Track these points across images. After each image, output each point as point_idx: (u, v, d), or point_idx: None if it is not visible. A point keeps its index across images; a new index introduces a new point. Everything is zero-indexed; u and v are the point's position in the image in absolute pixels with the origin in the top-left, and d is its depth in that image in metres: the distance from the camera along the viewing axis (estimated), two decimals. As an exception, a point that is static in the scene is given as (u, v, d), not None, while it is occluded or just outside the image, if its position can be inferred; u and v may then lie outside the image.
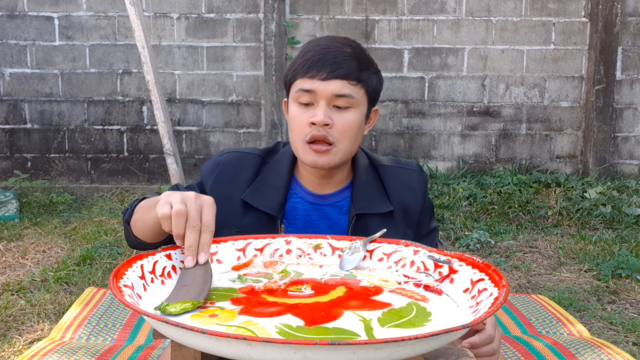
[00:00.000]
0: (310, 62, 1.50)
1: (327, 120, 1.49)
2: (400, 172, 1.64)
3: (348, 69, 1.49)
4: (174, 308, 1.07)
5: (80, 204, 4.68)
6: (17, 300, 2.86)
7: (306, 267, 1.36)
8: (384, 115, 5.02)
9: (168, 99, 4.92)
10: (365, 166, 1.63)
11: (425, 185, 1.68)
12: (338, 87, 1.49)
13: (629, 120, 5.01)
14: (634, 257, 3.38)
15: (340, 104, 1.50)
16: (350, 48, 1.53)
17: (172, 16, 4.91)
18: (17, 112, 4.98)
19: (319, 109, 1.50)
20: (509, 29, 4.96)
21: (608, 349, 1.99)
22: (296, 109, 1.53)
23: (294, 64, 1.55)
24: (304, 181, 1.62)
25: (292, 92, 1.54)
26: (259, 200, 1.57)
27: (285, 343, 0.88)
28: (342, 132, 1.51)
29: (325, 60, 1.50)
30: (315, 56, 1.51)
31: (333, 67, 1.49)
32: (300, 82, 1.51)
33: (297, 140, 1.54)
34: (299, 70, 1.52)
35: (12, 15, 4.88)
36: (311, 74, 1.50)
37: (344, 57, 1.50)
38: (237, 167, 1.62)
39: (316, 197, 1.61)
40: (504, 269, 3.40)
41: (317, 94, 1.50)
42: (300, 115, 1.52)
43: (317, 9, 4.92)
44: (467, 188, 4.60)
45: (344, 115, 1.51)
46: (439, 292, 1.22)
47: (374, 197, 1.59)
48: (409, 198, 1.62)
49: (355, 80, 1.50)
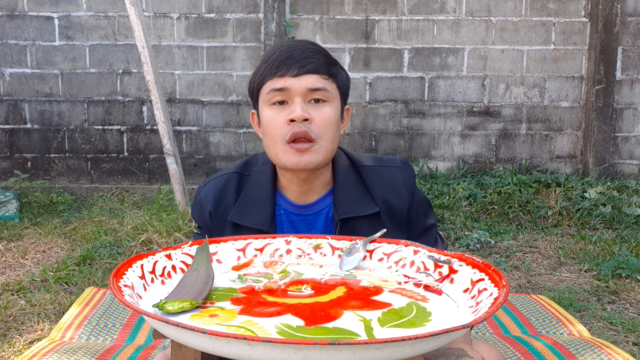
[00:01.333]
0: (278, 62, 1.46)
1: (306, 115, 1.43)
2: (382, 171, 1.58)
3: (318, 63, 1.46)
4: (172, 306, 1.07)
5: (80, 204, 4.67)
6: (17, 300, 2.86)
7: (306, 267, 1.36)
8: (384, 115, 5.02)
9: (168, 99, 4.92)
10: (346, 168, 1.57)
11: (412, 181, 1.60)
12: (311, 81, 1.45)
13: (629, 120, 5.01)
14: (634, 257, 3.37)
15: (316, 98, 1.46)
16: (314, 46, 1.51)
17: (172, 16, 4.90)
18: (17, 112, 4.98)
19: (296, 104, 1.44)
20: (509, 29, 4.96)
21: (608, 349, 1.99)
22: (270, 111, 1.47)
23: (259, 70, 1.50)
24: (286, 192, 1.56)
25: (262, 96, 1.48)
26: (247, 218, 1.53)
27: (285, 343, 0.88)
28: (322, 126, 1.46)
29: (293, 58, 1.45)
30: (281, 55, 1.46)
31: (303, 62, 1.45)
32: (271, 83, 1.46)
33: (275, 143, 1.47)
34: (267, 73, 1.47)
35: (12, 15, 4.88)
36: (281, 73, 1.45)
37: (311, 52, 1.47)
38: (218, 194, 1.57)
39: (300, 208, 1.56)
40: (504, 269, 3.40)
41: (290, 90, 1.45)
42: (275, 116, 1.46)
43: (317, 9, 4.92)
44: (467, 188, 4.60)
45: (322, 110, 1.46)
46: (439, 292, 1.22)
47: (357, 200, 1.53)
48: (393, 197, 1.55)
49: (326, 75, 1.47)
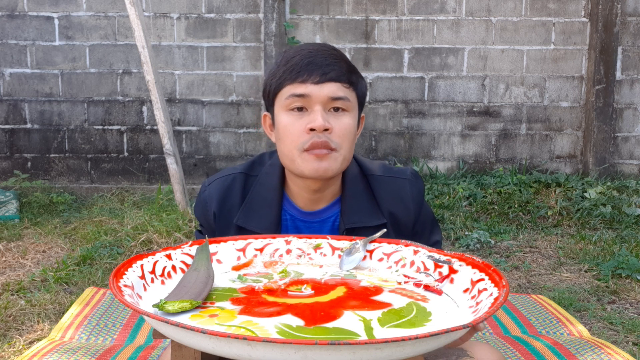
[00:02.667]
0: (299, 67, 1.41)
1: (327, 125, 1.40)
2: (391, 182, 1.55)
3: (340, 71, 1.42)
4: (172, 306, 1.07)
5: (80, 204, 4.67)
6: (17, 300, 2.85)
7: (306, 267, 1.36)
8: (384, 115, 5.02)
9: (168, 99, 4.92)
10: (356, 176, 1.54)
11: (421, 195, 1.57)
12: (333, 89, 1.41)
13: (629, 120, 5.00)
14: (634, 257, 3.37)
15: (336, 106, 1.42)
16: (335, 51, 1.47)
17: (172, 16, 4.90)
18: (17, 112, 4.98)
19: (316, 113, 1.40)
20: (509, 29, 4.96)
21: (608, 349, 1.99)
22: (288, 117, 1.43)
23: (276, 72, 1.45)
24: (293, 198, 1.53)
25: (280, 100, 1.44)
26: (252, 221, 1.50)
27: (285, 343, 0.88)
28: (342, 136, 1.42)
29: (315, 64, 1.41)
30: (303, 60, 1.42)
31: (325, 69, 1.41)
32: (291, 88, 1.42)
33: (291, 150, 1.43)
34: (287, 77, 1.42)
35: (12, 15, 4.88)
36: (302, 79, 1.40)
37: (333, 59, 1.43)
38: (223, 194, 1.54)
39: (306, 215, 1.53)
40: (504, 269, 3.40)
41: (311, 98, 1.40)
42: (293, 123, 1.42)
43: (317, 9, 4.91)
44: (467, 188, 4.60)
45: (342, 119, 1.43)
46: (439, 292, 1.22)
47: (364, 210, 1.51)
48: (400, 210, 1.52)
49: (347, 83, 1.43)
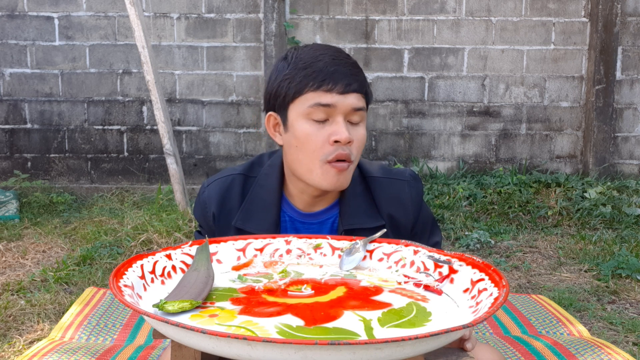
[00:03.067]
0: (324, 73, 1.37)
1: (351, 137, 1.38)
2: (390, 184, 1.54)
3: (361, 82, 1.40)
4: (172, 306, 1.07)
5: (80, 204, 4.67)
6: (17, 300, 2.86)
7: (306, 267, 1.36)
8: (384, 115, 5.02)
9: (168, 99, 4.92)
10: (355, 178, 1.51)
11: (420, 197, 1.56)
12: (355, 100, 1.39)
13: (629, 120, 5.00)
14: (634, 257, 3.37)
15: (355, 119, 1.40)
16: (352, 59, 1.44)
17: (172, 16, 4.90)
18: (17, 112, 4.98)
19: (339, 125, 1.37)
20: (509, 29, 4.96)
21: (608, 349, 1.99)
22: (310, 126, 1.39)
23: (294, 76, 1.39)
24: (293, 199, 1.52)
25: (301, 106, 1.39)
26: (251, 223, 1.49)
27: (285, 343, 0.88)
28: (358, 147, 1.42)
29: (340, 72, 1.37)
30: (328, 67, 1.37)
31: (350, 79, 1.38)
32: (315, 96, 1.37)
33: (313, 161, 1.40)
34: (309, 82, 1.37)
35: (12, 15, 4.88)
36: (327, 87, 1.36)
37: (355, 69, 1.41)
38: (222, 196, 1.53)
39: (305, 216, 1.53)
40: (504, 269, 3.40)
41: (335, 108, 1.37)
42: (316, 133, 1.38)
43: (317, 9, 4.91)
44: (467, 188, 4.60)
45: (359, 130, 1.42)
46: (439, 292, 1.22)
47: (363, 212, 1.51)
48: (398, 212, 1.52)
49: (364, 94, 1.42)
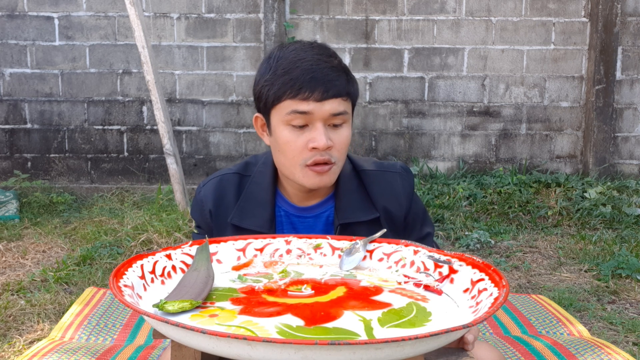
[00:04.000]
0: (300, 82, 1.39)
1: (330, 143, 1.41)
2: (383, 177, 1.57)
3: (341, 86, 1.42)
4: (172, 306, 1.07)
5: (80, 204, 4.67)
6: (17, 300, 2.85)
7: (306, 267, 1.36)
8: (384, 115, 5.02)
9: (168, 99, 4.92)
10: (348, 173, 1.56)
11: (411, 188, 1.60)
12: (334, 106, 1.41)
13: (629, 120, 5.00)
14: (634, 257, 3.37)
15: (336, 123, 1.43)
16: (334, 59, 1.45)
17: (172, 16, 4.90)
18: (17, 112, 4.98)
19: (318, 131, 1.41)
20: (509, 29, 4.96)
21: (608, 349, 1.99)
22: (289, 132, 1.43)
23: (274, 82, 1.43)
24: (287, 194, 1.56)
25: (280, 113, 1.43)
26: (246, 220, 1.53)
27: (285, 343, 0.88)
28: (340, 149, 1.45)
29: (317, 80, 1.39)
30: (304, 74, 1.39)
31: (327, 86, 1.40)
32: (292, 104, 1.40)
33: (293, 165, 1.45)
34: (287, 90, 1.40)
35: (12, 15, 4.88)
36: (303, 96, 1.39)
37: (334, 73, 1.42)
38: (218, 194, 1.56)
39: (300, 210, 1.55)
40: (504, 269, 3.40)
41: (313, 115, 1.40)
42: (295, 140, 1.43)
43: (317, 9, 4.91)
44: (467, 188, 4.60)
45: (341, 133, 1.45)
46: (439, 292, 1.22)
47: (358, 205, 1.53)
48: (392, 203, 1.55)
49: (346, 96, 1.44)
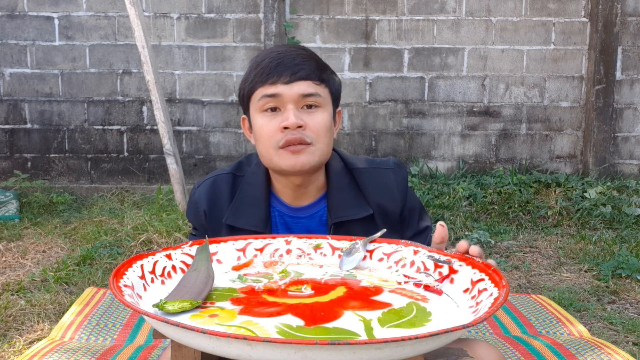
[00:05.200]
0: (268, 69, 1.45)
1: (300, 122, 1.44)
2: (375, 174, 1.58)
3: (309, 70, 1.46)
4: (172, 306, 1.07)
5: (80, 204, 4.67)
6: (17, 300, 2.86)
7: (306, 267, 1.36)
8: (384, 115, 5.02)
9: (168, 99, 4.92)
10: (340, 171, 1.57)
11: (405, 183, 1.61)
12: (303, 87, 1.45)
13: (629, 120, 5.00)
14: (634, 257, 3.37)
15: (308, 103, 1.46)
16: (304, 51, 1.50)
17: (172, 16, 4.90)
18: (17, 112, 4.98)
19: (288, 112, 1.44)
20: (509, 29, 4.96)
21: (608, 349, 1.99)
22: (262, 118, 1.47)
23: (248, 77, 1.49)
24: (280, 195, 1.57)
25: (254, 102, 1.48)
26: (241, 220, 1.54)
27: (285, 343, 0.88)
28: (316, 131, 1.46)
29: (284, 65, 1.45)
30: (272, 62, 1.46)
31: (294, 69, 1.45)
32: (262, 90, 1.46)
33: (268, 149, 1.47)
34: (257, 79, 1.46)
35: (12, 15, 4.88)
36: (272, 80, 1.44)
37: (302, 59, 1.47)
38: (212, 195, 1.58)
39: (294, 210, 1.56)
40: (504, 269, 3.40)
41: (282, 97, 1.44)
42: (268, 123, 1.46)
43: (317, 9, 4.91)
44: (467, 188, 4.60)
45: (315, 115, 1.47)
46: (439, 292, 1.22)
47: (351, 203, 1.54)
48: (386, 200, 1.56)
49: (318, 80, 1.47)
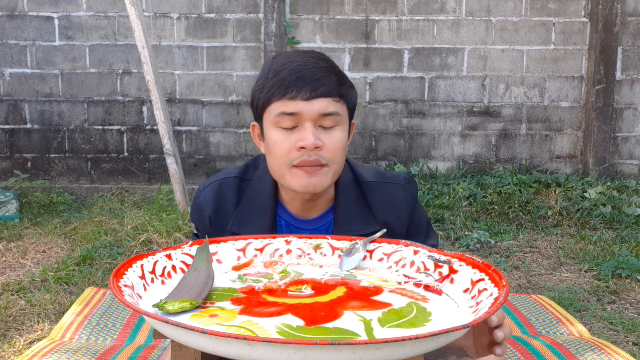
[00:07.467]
0: (287, 82, 1.37)
1: (318, 143, 1.37)
2: (384, 189, 1.54)
3: (330, 86, 1.38)
4: (172, 306, 1.07)
5: (80, 204, 4.67)
6: (17, 300, 2.85)
7: (306, 267, 1.36)
8: (384, 115, 5.02)
9: (168, 99, 4.92)
10: (349, 184, 1.52)
11: (414, 200, 1.56)
12: (323, 105, 1.37)
13: (629, 120, 5.00)
14: (634, 257, 3.37)
15: (326, 124, 1.39)
16: (325, 62, 1.42)
17: (172, 16, 4.90)
18: (17, 112, 4.98)
19: (306, 131, 1.37)
20: (509, 29, 4.96)
21: (608, 349, 1.99)
22: (277, 134, 1.40)
23: (265, 85, 1.41)
24: (287, 205, 1.52)
25: (269, 116, 1.41)
26: (246, 228, 1.49)
27: (285, 343, 0.88)
28: (333, 152, 1.40)
29: (304, 79, 1.36)
30: (291, 75, 1.37)
31: (315, 84, 1.37)
32: (280, 105, 1.38)
33: (280, 166, 1.41)
34: (275, 92, 1.38)
35: (12, 15, 4.88)
36: (291, 95, 1.36)
37: (323, 72, 1.39)
38: (218, 199, 1.53)
39: (300, 222, 1.53)
40: (504, 269, 3.40)
41: (301, 115, 1.37)
42: (283, 140, 1.39)
43: (317, 9, 4.91)
44: (467, 188, 4.60)
45: (333, 135, 1.40)
46: (439, 292, 1.22)
47: (358, 218, 1.50)
48: (392, 217, 1.52)
49: (338, 97, 1.40)
